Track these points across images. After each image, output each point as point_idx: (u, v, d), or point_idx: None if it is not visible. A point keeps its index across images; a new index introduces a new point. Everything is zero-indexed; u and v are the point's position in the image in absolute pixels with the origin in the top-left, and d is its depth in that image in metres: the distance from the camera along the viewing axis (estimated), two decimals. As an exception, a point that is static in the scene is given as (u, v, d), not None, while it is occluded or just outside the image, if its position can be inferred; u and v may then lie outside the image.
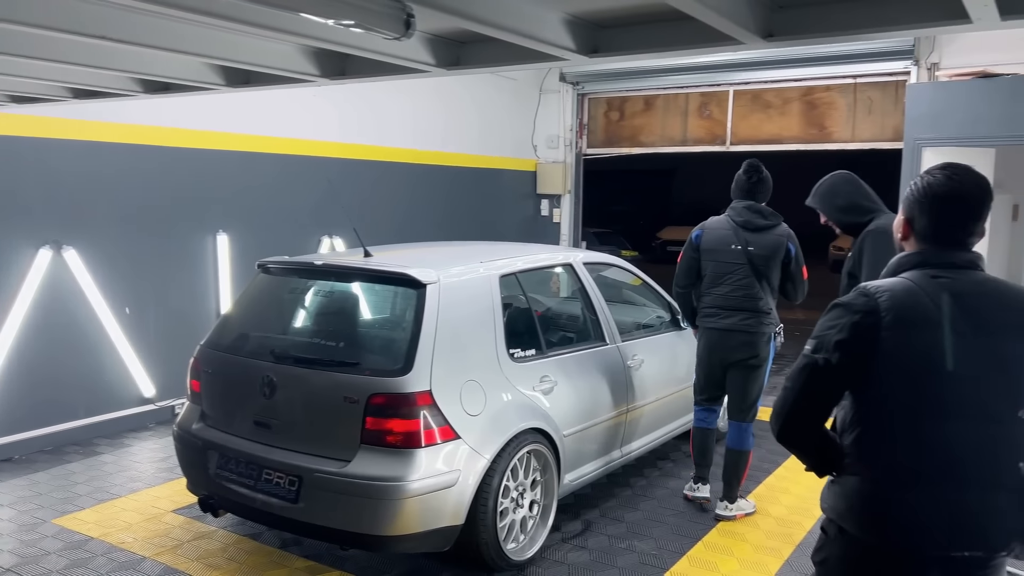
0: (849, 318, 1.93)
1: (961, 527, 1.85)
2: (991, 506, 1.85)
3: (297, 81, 3.30)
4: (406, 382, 3.45)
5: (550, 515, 4.08)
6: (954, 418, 1.86)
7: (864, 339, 1.90)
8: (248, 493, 3.70)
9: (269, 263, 4.24)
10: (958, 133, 6.47)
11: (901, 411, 1.89)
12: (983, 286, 1.95)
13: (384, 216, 7.94)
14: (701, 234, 4.67)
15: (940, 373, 1.86)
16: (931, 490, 1.85)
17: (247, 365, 3.87)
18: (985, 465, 1.86)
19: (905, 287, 1.93)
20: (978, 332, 1.88)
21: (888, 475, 1.90)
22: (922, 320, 1.88)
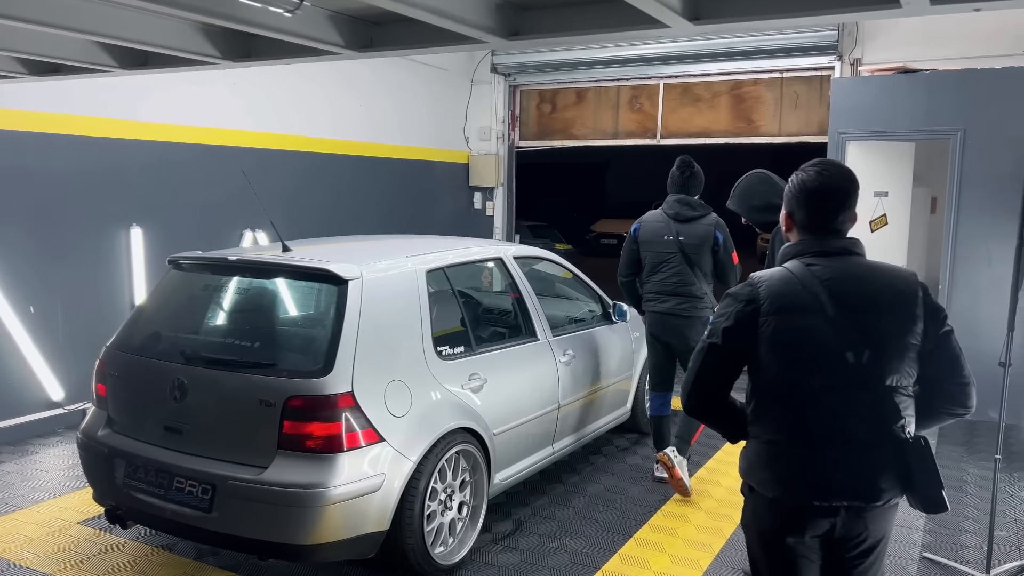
0: (735, 306, 2.23)
1: (838, 482, 2.13)
2: (863, 464, 2.12)
3: (198, 63, 3.08)
4: (326, 383, 3.29)
5: (480, 516, 3.98)
6: (828, 389, 2.12)
7: (746, 324, 2.19)
8: (158, 503, 3.48)
9: (181, 258, 4.01)
10: (880, 127, 6.59)
11: (782, 385, 2.17)
12: (853, 270, 2.19)
13: (312, 209, 7.68)
14: (639, 227, 5.01)
15: (813, 349, 2.13)
16: (810, 451, 2.15)
17: (156, 367, 3.64)
18: (855, 429, 2.12)
19: (782, 276, 2.20)
20: (845, 311, 2.12)
21: (776, 439, 2.20)
22: (796, 305, 2.15)
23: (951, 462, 5.39)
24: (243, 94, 6.97)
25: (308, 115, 7.70)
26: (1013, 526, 4.34)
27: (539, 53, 9.21)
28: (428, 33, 2.58)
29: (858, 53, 7.79)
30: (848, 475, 2.12)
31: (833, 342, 2.11)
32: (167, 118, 6.37)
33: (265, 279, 3.83)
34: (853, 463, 2.12)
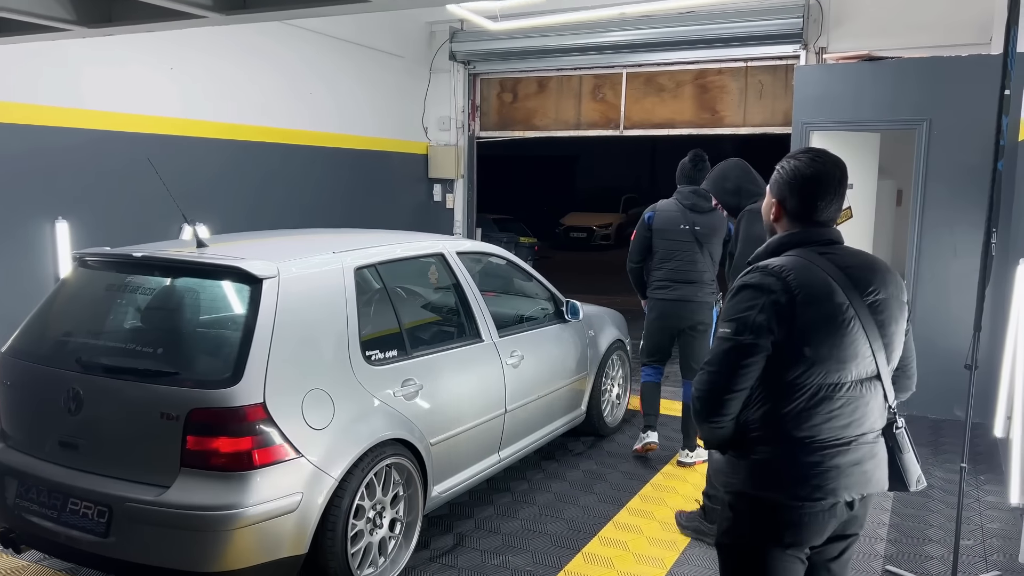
0: (766, 298, 2.05)
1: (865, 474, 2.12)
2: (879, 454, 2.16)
3: (50, 30, 2.73)
4: (234, 394, 2.97)
5: (414, 533, 3.68)
6: (859, 380, 2.08)
7: (783, 316, 2.03)
8: (52, 526, 3.14)
9: (86, 255, 3.66)
10: (844, 117, 6.38)
11: (816, 380, 2.05)
12: (858, 257, 2.17)
13: (257, 203, 7.32)
14: (653, 216, 5.15)
15: (848, 340, 2.05)
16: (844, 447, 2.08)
17: (50, 375, 3.29)
18: (875, 418, 2.14)
19: (804, 265, 2.08)
20: (867, 300, 2.09)
21: (807, 439, 2.07)
22: (827, 294, 2.05)
23: (916, 464, 5.19)
24: (183, 80, 6.58)
25: (254, 103, 7.32)
26: (979, 534, 4.14)
27: (499, 41, 8.90)
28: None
29: (823, 42, 7.58)
30: (868, 467, 2.12)
31: (860, 332, 2.07)
32: (98, 105, 5.97)
33: (173, 278, 3.49)
34: (869, 455, 2.13)
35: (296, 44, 7.67)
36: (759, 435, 2.12)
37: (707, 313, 5.04)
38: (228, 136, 7.04)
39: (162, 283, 3.49)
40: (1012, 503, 4.10)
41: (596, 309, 5.81)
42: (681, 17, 8.03)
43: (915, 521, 4.30)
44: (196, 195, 6.60)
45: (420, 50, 9.50)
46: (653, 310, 5.18)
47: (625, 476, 4.94)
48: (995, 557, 3.89)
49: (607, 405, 5.68)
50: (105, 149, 6.02)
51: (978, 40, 6.69)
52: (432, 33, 9.52)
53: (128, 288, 3.54)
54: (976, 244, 5.90)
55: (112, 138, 6.07)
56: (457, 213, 9.93)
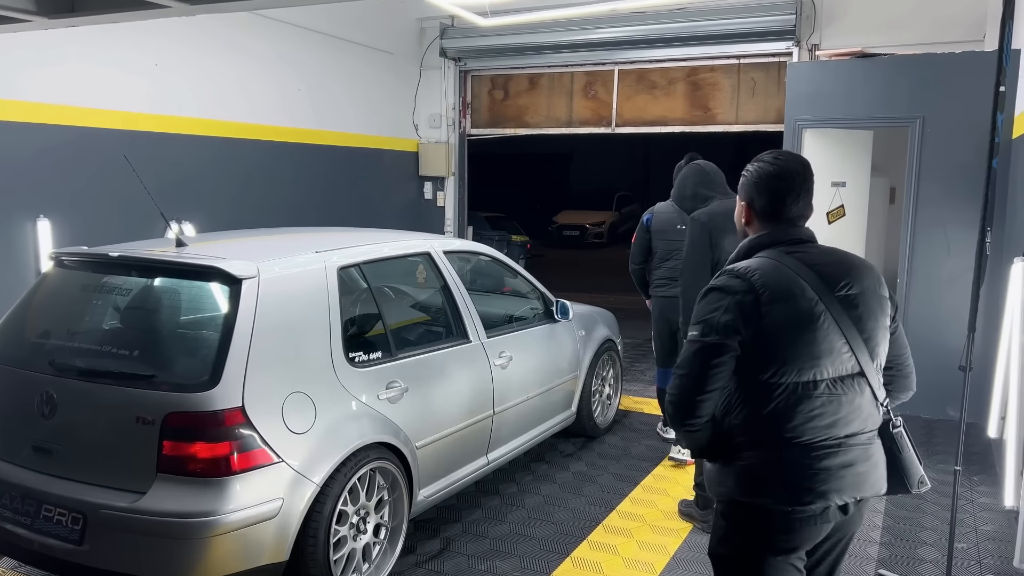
0: (731, 299, 2.05)
1: (857, 477, 2.08)
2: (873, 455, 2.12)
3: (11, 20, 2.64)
4: (211, 398, 2.89)
5: (399, 538, 3.61)
6: (835, 379, 2.06)
7: (748, 316, 2.03)
8: (25, 533, 3.06)
9: (63, 254, 3.57)
10: (837, 114, 6.33)
11: (788, 381, 2.03)
12: (829, 255, 2.17)
13: (244, 200, 7.22)
14: (651, 218, 5.33)
15: (818, 337, 2.03)
16: (814, 452, 2.04)
17: (24, 378, 3.21)
18: (862, 417, 2.09)
19: (771, 265, 2.10)
20: (839, 297, 2.08)
21: (786, 442, 2.04)
22: (794, 293, 2.05)
23: (909, 465, 5.14)
24: (168, 77, 6.48)
25: (241, 99, 7.22)
26: (974, 536, 4.09)
27: (490, 37, 8.82)
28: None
29: (816, 38, 7.52)
30: (861, 470, 2.09)
31: (834, 328, 2.05)
32: (82, 101, 5.87)
33: (151, 278, 3.40)
34: (862, 457, 2.09)
35: (283, 40, 7.58)
36: (743, 440, 2.10)
37: None
38: (214, 133, 6.95)
39: (139, 284, 3.41)
40: (1006, 505, 4.05)
41: (586, 308, 5.74)
42: (673, 13, 7.96)
43: (908, 523, 4.25)
44: (182, 193, 6.52)
45: (410, 47, 9.41)
46: (655, 308, 5.35)
47: (615, 478, 4.87)
48: (989, 560, 3.83)
49: (598, 406, 5.61)
50: (88, 146, 5.93)
51: (971, 37, 6.64)
52: (422, 30, 9.43)
53: (104, 289, 3.46)
54: (969, 242, 5.86)
55: (96, 135, 5.97)
56: (448, 211, 9.84)
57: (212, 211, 6.74)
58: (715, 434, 2.15)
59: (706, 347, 2.05)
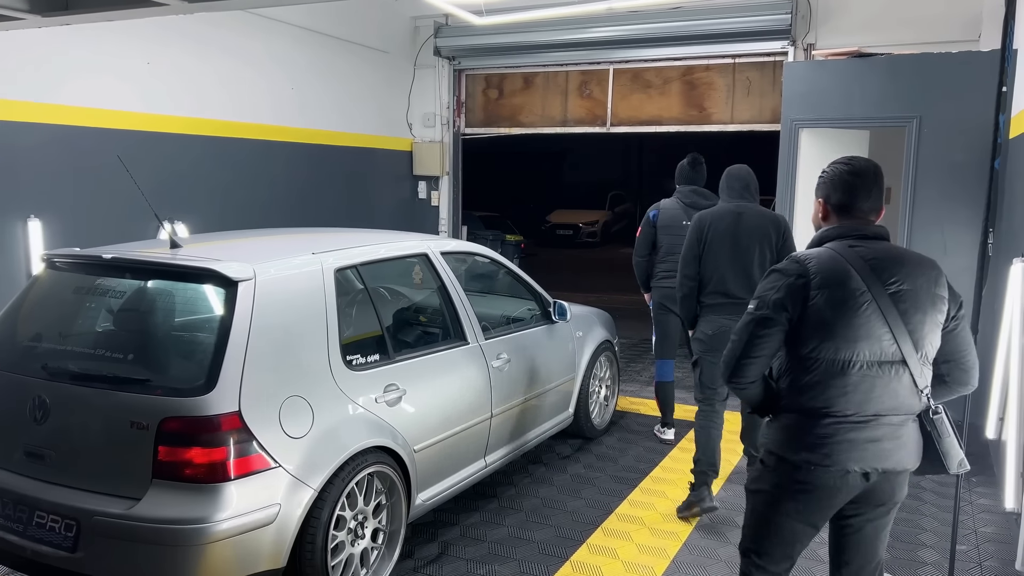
0: (784, 280, 2.38)
1: (878, 451, 2.34)
2: (901, 434, 2.36)
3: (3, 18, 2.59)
4: (208, 402, 2.85)
5: (398, 542, 3.57)
6: (871, 362, 2.32)
7: (797, 296, 2.35)
8: (16, 540, 3.01)
9: (55, 256, 3.52)
10: (834, 114, 6.31)
11: (827, 357, 2.33)
12: (892, 251, 2.41)
13: (240, 201, 7.16)
14: (657, 214, 5.55)
15: (859, 323, 2.30)
16: (853, 422, 2.33)
17: (15, 382, 3.16)
18: (894, 399, 2.34)
19: (829, 255, 2.39)
20: (888, 289, 2.32)
21: (818, 410, 2.36)
22: (842, 281, 2.32)
23: (907, 466, 5.13)
24: (161, 75, 6.42)
25: (235, 98, 7.16)
26: (974, 539, 4.08)
27: (485, 36, 8.78)
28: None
29: (812, 38, 7.51)
30: (888, 446, 2.34)
31: (877, 317, 2.30)
32: (74, 100, 5.80)
33: (145, 280, 3.35)
34: (890, 435, 2.35)
35: (276, 39, 7.52)
36: (786, 403, 2.44)
37: None
38: (207, 132, 6.89)
39: (133, 286, 3.36)
40: (1007, 507, 4.03)
41: (584, 309, 5.71)
42: (668, 13, 7.94)
43: (908, 526, 4.23)
44: (174, 192, 6.46)
45: (404, 45, 9.36)
46: (655, 299, 5.59)
47: (613, 480, 4.84)
48: (990, 563, 3.82)
49: (595, 407, 5.58)
50: (79, 145, 5.86)
51: (966, 37, 6.63)
52: (416, 28, 9.38)
53: (98, 291, 3.40)
54: (966, 242, 5.88)
55: (87, 134, 5.91)
56: (443, 211, 9.80)
57: (204, 211, 6.68)
58: (768, 395, 2.50)
59: (757, 319, 2.39)
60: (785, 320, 2.36)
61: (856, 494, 2.40)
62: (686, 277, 4.34)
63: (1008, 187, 5.11)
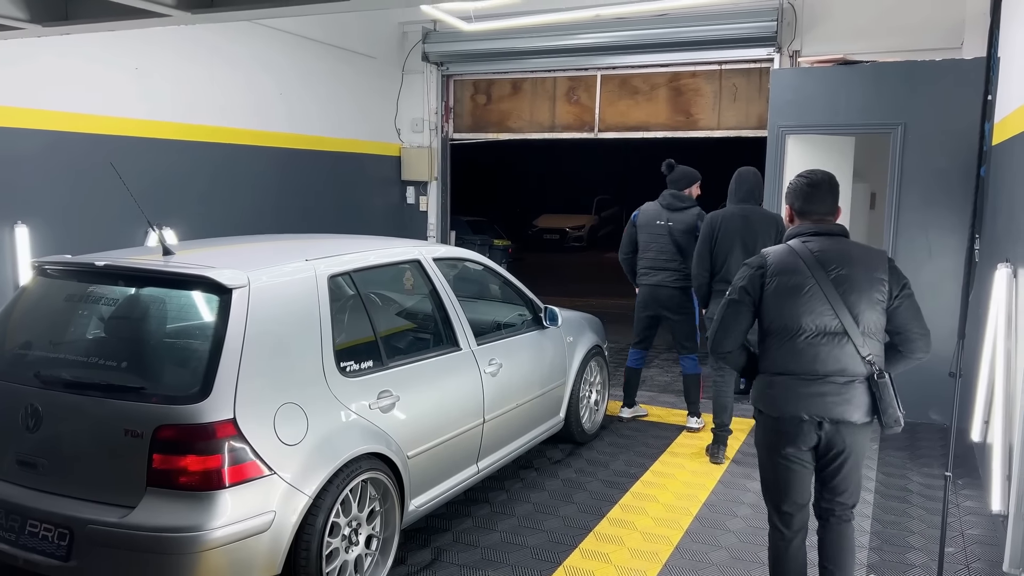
0: (749, 271, 3.04)
1: (822, 405, 2.91)
2: (843, 392, 2.90)
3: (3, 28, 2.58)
4: (202, 410, 2.84)
5: (391, 548, 3.57)
6: (816, 333, 2.91)
7: (756, 282, 3.01)
8: (8, 550, 2.99)
9: (47, 263, 3.50)
10: (820, 120, 6.38)
11: (781, 330, 2.96)
12: (837, 245, 3.00)
13: (226, 206, 7.14)
14: (638, 214, 6.00)
15: (803, 302, 2.91)
16: (802, 381, 2.93)
17: (8, 391, 3.14)
18: (837, 364, 2.91)
19: (785, 250, 3.02)
20: (829, 275, 2.91)
21: (778, 372, 2.98)
22: (792, 269, 2.95)
23: (894, 469, 5.19)
24: (148, 81, 6.39)
25: (222, 103, 7.14)
26: (961, 541, 4.13)
27: (473, 42, 8.80)
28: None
29: (797, 45, 7.58)
30: (831, 400, 2.89)
31: (819, 297, 2.89)
32: (59, 105, 5.77)
33: (138, 288, 3.34)
34: (834, 392, 2.90)
35: (265, 44, 7.51)
36: (760, 367, 3.06)
37: (682, 298, 5.80)
38: (194, 138, 6.86)
39: (126, 293, 3.35)
40: (993, 510, 4.09)
41: (573, 314, 5.73)
42: (655, 20, 8.00)
43: (896, 528, 4.28)
44: (161, 198, 6.43)
45: (392, 51, 9.37)
46: (638, 295, 5.99)
47: (605, 485, 4.86)
48: (977, 564, 3.87)
49: (585, 411, 5.60)
50: (67, 151, 5.83)
51: (949, 44, 6.73)
52: (404, 34, 9.39)
53: (90, 298, 3.39)
54: (950, 247, 5.96)
55: (74, 140, 5.87)
56: (431, 216, 9.80)
57: (191, 216, 6.65)
58: (750, 363, 3.12)
59: (728, 301, 3.06)
60: (749, 302, 2.99)
61: (816, 441, 2.95)
62: (701, 269, 5.25)
63: (992, 193, 5.19)
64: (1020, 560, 3.61)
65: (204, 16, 2.35)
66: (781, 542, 3.12)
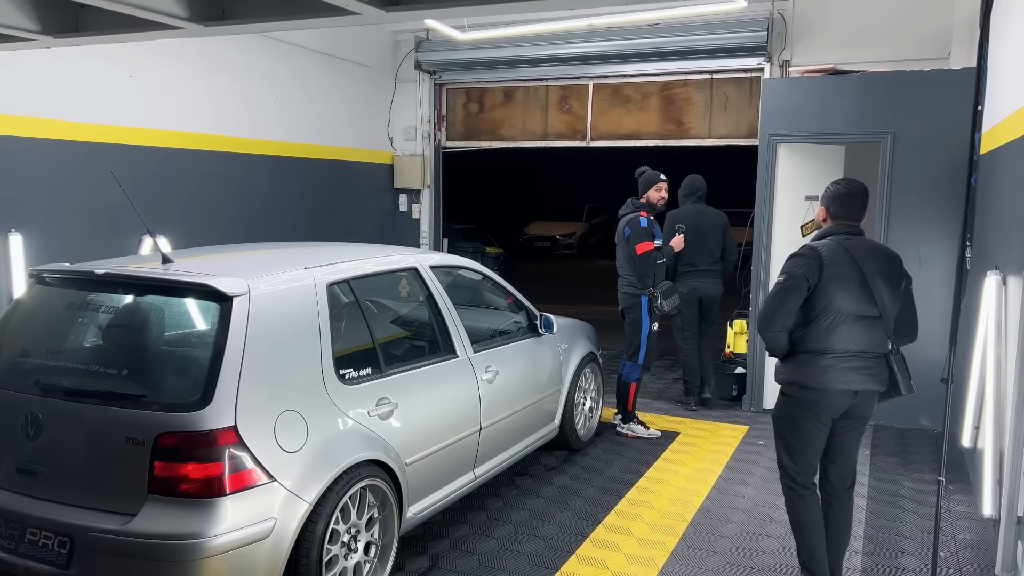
0: (806, 261, 3.38)
1: (857, 377, 3.38)
2: (872, 366, 3.41)
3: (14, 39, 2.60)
4: (203, 417, 2.86)
5: (390, 555, 3.58)
6: (856, 317, 3.36)
7: (815, 271, 3.35)
8: (8, 558, 2.99)
9: (45, 271, 3.50)
10: (810, 129, 6.45)
11: (829, 314, 3.36)
12: (868, 243, 3.52)
13: (219, 214, 7.14)
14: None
15: (850, 290, 3.35)
16: (841, 358, 3.37)
17: (7, 399, 3.15)
18: (869, 343, 3.40)
19: (833, 245, 3.42)
20: (866, 267, 3.36)
21: (820, 350, 3.39)
22: (840, 261, 3.37)
23: (885, 474, 5.24)
24: (141, 89, 6.40)
25: (216, 111, 7.15)
26: (953, 545, 4.18)
27: (466, 51, 8.85)
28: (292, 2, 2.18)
29: (787, 55, 7.67)
30: (866, 373, 3.39)
31: (864, 287, 3.34)
32: (54, 113, 5.76)
33: (138, 296, 3.35)
34: (867, 366, 3.39)
35: (258, 53, 7.53)
36: (800, 347, 3.43)
37: (631, 305, 5.91)
38: (188, 146, 6.87)
39: (126, 301, 3.36)
40: (984, 514, 4.14)
41: (568, 322, 5.76)
42: (647, 29, 8.07)
43: (889, 533, 4.32)
44: (155, 206, 6.41)
45: (385, 59, 9.41)
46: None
47: (600, 491, 4.89)
48: (969, 568, 3.92)
49: (580, 418, 5.63)
50: (60, 158, 5.83)
51: (936, 55, 6.83)
52: (397, 42, 9.43)
53: (90, 306, 3.40)
54: (941, 256, 6.02)
55: (68, 147, 5.87)
56: (423, 223, 9.83)
57: (185, 224, 6.65)
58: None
59: (787, 286, 3.36)
60: (805, 287, 3.34)
61: (847, 407, 3.41)
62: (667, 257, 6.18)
63: (981, 202, 5.25)
64: (1012, 564, 3.66)
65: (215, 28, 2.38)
66: (805, 498, 3.53)
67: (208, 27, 2.34)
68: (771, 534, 4.30)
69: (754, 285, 6.68)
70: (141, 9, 2.15)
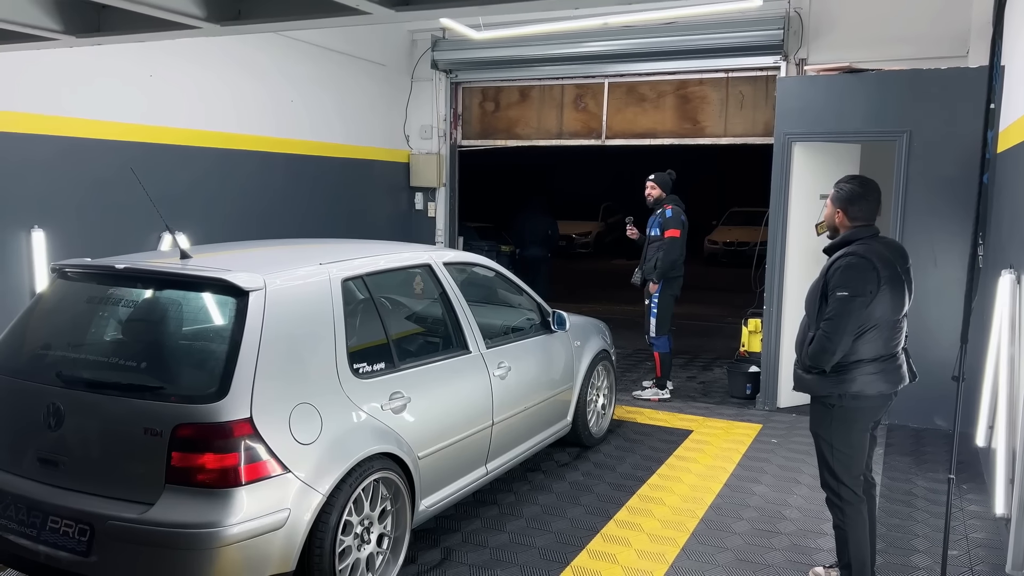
0: (866, 271, 3.28)
1: (903, 376, 3.45)
2: (899, 365, 3.45)
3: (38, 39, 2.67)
4: (220, 409, 2.91)
5: (402, 547, 3.63)
6: (900, 319, 3.39)
7: (876, 281, 3.28)
8: (30, 545, 3.06)
9: (66, 266, 3.58)
10: (825, 128, 6.43)
11: (882, 322, 3.33)
12: (890, 243, 3.52)
13: (239, 211, 7.23)
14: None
15: (898, 292, 3.35)
16: (894, 360, 3.41)
17: (29, 390, 3.22)
18: (898, 344, 3.44)
19: (878, 250, 3.36)
20: (901, 269, 3.38)
21: (877, 356, 3.36)
22: (889, 264, 3.33)
23: (899, 473, 5.23)
24: (162, 88, 6.50)
25: (237, 110, 7.25)
26: (965, 544, 4.17)
27: (481, 50, 8.90)
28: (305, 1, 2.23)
29: (803, 53, 7.65)
30: (900, 372, 3.43)
31: (905, 289, 3.38)
32: (76, 112, 5.87)
33: (157, 290, 3.42)
34: (901, 364, 3.45)
35: (277, 52, 7.61)
36: (853, 356, 3.32)
37: (651, 291, 6.88)
38: (206, 144, 6.96)
39: (145, 295, 3.43)
40: (997, 513, 4.13)
41: (581, 319, 5.79)
42: (663, 28, 8.07)
43: (900, 531, 4.32)
44: (175, 203, 6.51)
45: (402, 59, 9.47)
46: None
47: (612, 488, 4.92)
48: (981, 567, 3.91)
49: (592, 416, 5.66)
50: (82, 156, 5.93)
51: (954, 53, 6.80)
52: (414, 42, 9.50)
53: (110, 300, 3.47)
54: (956, 255, 6.00)
55: (89, 145, 5.98)
56: (439, 222, 9.88)
57: (204, 222, 6.74)
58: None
59: (859, 302, 3.25)
60: (871, 300, 3.26)
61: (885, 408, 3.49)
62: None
63: (995, 201, 5.23)
64: (1022, 562, 3.65)
65: (232, 28, 2.43)
66: (862, 511, 3.45)
67: (225, 27, 2.40)
68: (782, 531, 4.31)
69: (768, 284, 6.68)
70: (159, 9, 2.21)
